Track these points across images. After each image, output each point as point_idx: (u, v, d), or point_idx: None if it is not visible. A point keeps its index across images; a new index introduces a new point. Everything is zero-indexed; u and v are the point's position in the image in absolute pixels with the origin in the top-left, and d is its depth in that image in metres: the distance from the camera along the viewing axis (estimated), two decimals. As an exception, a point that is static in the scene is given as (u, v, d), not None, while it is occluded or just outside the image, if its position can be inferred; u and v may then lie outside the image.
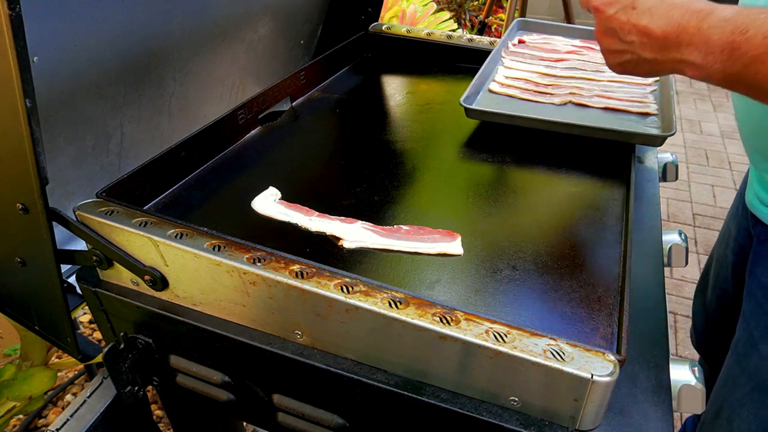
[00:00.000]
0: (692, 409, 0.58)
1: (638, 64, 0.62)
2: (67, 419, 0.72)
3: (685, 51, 0.56)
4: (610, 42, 0.63)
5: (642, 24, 0.59)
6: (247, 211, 0.77)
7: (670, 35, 0.57)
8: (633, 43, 0.60)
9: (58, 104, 0.73)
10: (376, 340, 0.56)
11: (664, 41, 0.57)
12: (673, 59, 0.58)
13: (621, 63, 0.64)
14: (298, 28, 1.26)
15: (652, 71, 0.63)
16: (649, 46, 0.59)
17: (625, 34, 0.61)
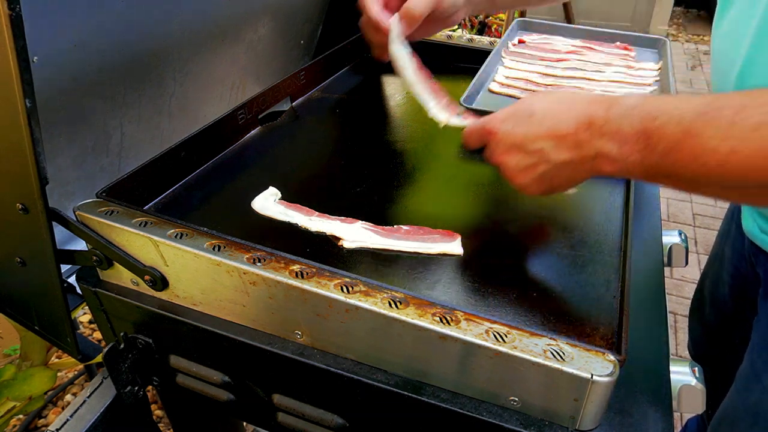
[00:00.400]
0: (692, 409, 0.58)
1: (555, 173, 0.57)
2: (67, 419, 0.72)
3: (599, 143, 0.53)
4: (517, 160, 0.59)
5: (547, 127, 0.56)
6: (247, 211, 0.77)
7: (580, 129, 0.54)
8: (542, 150, 0.56)
9: (58, 104, 0.73)
10: (376, 340, 0.56)
11: (575, 137, 0.54)
12: (589, 155, 0.54)
13: (537, 178, 0.59)
14: (298, 28, 1.26)
15: (571, 178, 0.58)
16: (561, 147, 0.55)
17: (531, 143, 0.57)
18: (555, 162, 0.56)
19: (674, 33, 5.07)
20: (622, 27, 4.27)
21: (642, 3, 4.63)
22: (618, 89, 1.09)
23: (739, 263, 0.93)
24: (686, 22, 5.37)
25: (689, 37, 4.96)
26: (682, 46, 4.77)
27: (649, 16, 4.69)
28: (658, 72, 1.16)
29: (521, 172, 0.59)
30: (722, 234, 1.03)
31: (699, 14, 5.55)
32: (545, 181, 0.59)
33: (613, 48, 1.27)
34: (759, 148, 0.42)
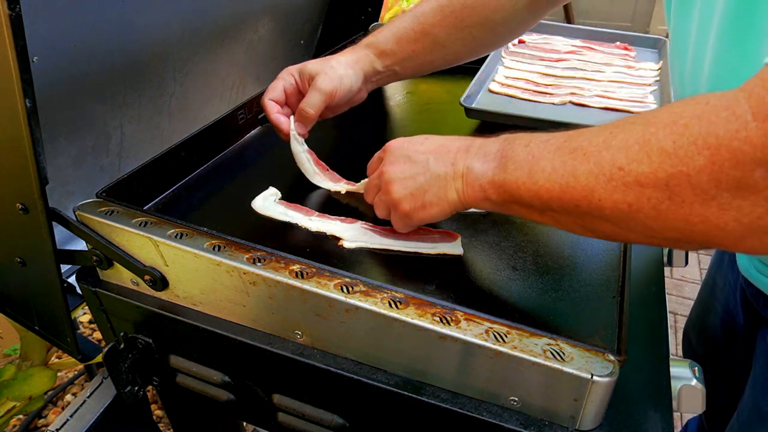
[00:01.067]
0: (692, 409, 0.58)
1: (429, 186, 0.62)
2: (67, 419, 0.72)
3: (469, 160, 0.59)
4: (403, 168, 0.64)
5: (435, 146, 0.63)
6: (247, 211, 0.77)
7: (461, 150, 0.61)
8: (427, 161, 0.62)
9: (58, 104, 0.73)
10: (376, 340, 0.56)
11: (454, 156, 0.61)
12: (459, 171, 0.60)
13: (412, 192, 0.63)
14: (298, 28, 1.26)
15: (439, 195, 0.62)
16: (441, 161, 0.61)
17: (419, 155, 0.63)
18: (433, 173, 0.62)
19: (674, 33, 5.07)
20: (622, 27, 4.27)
21: (642, 3, 4.63)
22: (618, 89, 1.09)
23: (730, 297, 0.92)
24: (686, 22, 5.36)
25: (689, 37, 4.96)
26: (682, 46, 4.76)
27: (649, 16, 4.69)
28: (658, 72, 1.16)
29: (401, 181, 0.64)
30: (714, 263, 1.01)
31: (699, 14, 5.54)
32: (419, 193, 0.63)
33: (613, 48, 1.27)
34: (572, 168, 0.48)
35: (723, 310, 0.95)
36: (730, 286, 0.92)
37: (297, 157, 0.83)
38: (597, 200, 0.46)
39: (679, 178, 0.41)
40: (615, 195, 0.45)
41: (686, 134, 0.40)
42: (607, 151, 0.46)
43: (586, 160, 0.47)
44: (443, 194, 0.62)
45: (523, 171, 0.53)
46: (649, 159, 0.42)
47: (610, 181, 0.45)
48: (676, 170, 0.41)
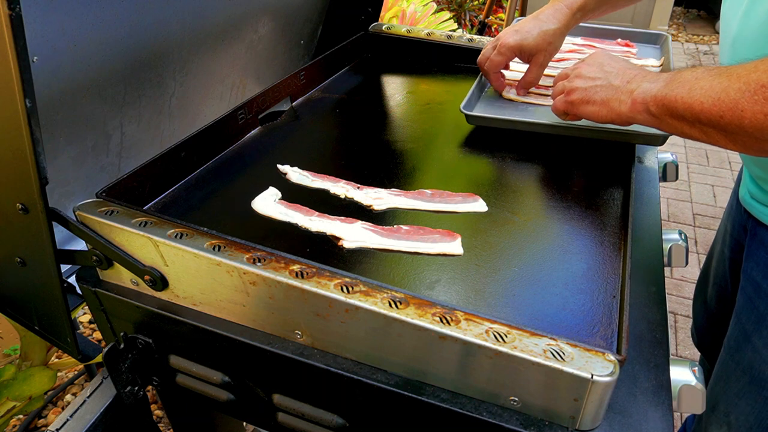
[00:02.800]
0: (692, 409, 0.58)
1: (601, 89, 0.77)
2: (67, 419, 0.72)
3: (642, 82, 0.72)
4: (591, 70, 0.79)
5: (621, 66, 0.77)
6: (247, 211, 0.77)
7: (638, 75, 0.74)
8: (610, 73, 0.77)
9: (58, 104, 0.73)
10: (376, 340, 0.56)
11: (633, 76, 0.74)
12: (629, 89, 0.73)
13: (587, 87, 0.79)
14: (298, 28, 1.26)
15: (605, 99, 0.76)
16: (620, 77, 0.75)
17: (608, 67, 0.77)
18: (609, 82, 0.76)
19: (674, 33, 5.07)
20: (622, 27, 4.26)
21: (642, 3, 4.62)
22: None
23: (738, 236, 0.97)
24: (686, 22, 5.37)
25: (689, 37, 4.96)
26: (682, 46, 4.77)
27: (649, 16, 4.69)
28: (659, 68, 1.16)
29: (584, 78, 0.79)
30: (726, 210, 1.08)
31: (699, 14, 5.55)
32: (590, 91, 0.78)
33: (615, 45, 1.27)
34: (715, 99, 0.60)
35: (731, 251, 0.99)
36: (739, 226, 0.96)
37: None
38: (740, 111, 0.57)
39: None
40: (755, 107, 0.56)
41: None
42: (755, 73, 0.57)
43: (738, 80, 0.58)
44: (608, 100, 0.76)
45: (683, 89, 0.64)
46: None
47: (754, 95, 0.56)
48: None
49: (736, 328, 0.86)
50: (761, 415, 0.82)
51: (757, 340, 0.81)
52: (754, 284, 0.82)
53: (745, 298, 0.85)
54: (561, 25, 0.97)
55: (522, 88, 1.03)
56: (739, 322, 0.85)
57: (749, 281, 0.84)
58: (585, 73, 0.79)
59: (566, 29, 0.98)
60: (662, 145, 0.90)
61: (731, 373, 0.87)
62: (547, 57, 0.98)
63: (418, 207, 0.78)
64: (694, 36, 5.00)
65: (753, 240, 0.84)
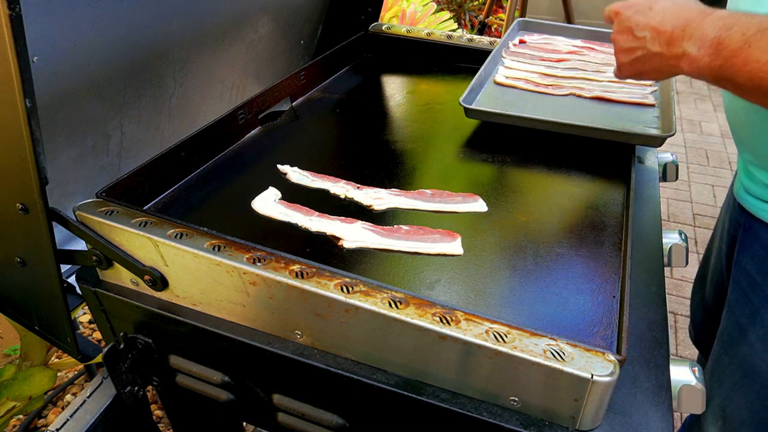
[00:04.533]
0: (692, 409, 0.58)
1: (647, 60, 0.70)
2: (67, 419, 0.72)
3: (686, 44, 0.64)
4: (625, 39, 0.72)
5: (655, 21, 0.68)
6: (247, 211, 0.77)
7: (677, 30, 0.65)
8: (645, 38, 0.69)
9: (58, 104, 0.73)
10: (376, 340, 0.56)
11: (671, 36, 0.66)
12: (675, 53, 0.65)
13: (631, 60, 0.72)
14: (298, 28, 1.26)
15: (657, 68, 0.70)
16: (658, 40, 0.67)
17: (640, 30, 0.70)
18: (650, 51, 0.69)
19: (674, 33, 5.07)
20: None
21: (642, 3, 4.62)
22: (618, 89, 1.09)
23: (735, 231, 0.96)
24: (686, 22, 5.36)
25: (689, 37, 4.96)
26: (682, 46, 4.76)
27: (649, 16, 4.68)
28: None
29: (623, 53, 0.73)
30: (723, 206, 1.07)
31: (699, 14, 5.54)
32: (638, 64, 0.72)
33: (613, 48, 1.27)
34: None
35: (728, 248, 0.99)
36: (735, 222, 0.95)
37: None
38: None
39: None
40: None
41: None
42: None
43: None
44: (658, 67, 0.70)
45: (738, 58, 0.57)
46: None
47: None
48: None
49: (729, 322, 0.86)
50: (756, 408, 0.82)
51: (752, 334, 0.81)
52: (749, 277, 0.82)
53: (738, 291, 0.84)
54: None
55: None
56: (733, 316, 0.85)
57: (743, 274, 0.84)
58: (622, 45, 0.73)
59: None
60: (662, 146, 0.90)
61: (725, 367, 0.87)
62: None
63: (418, 207, 0.78)
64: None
65: (747, 233, 0.84)
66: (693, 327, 1.22)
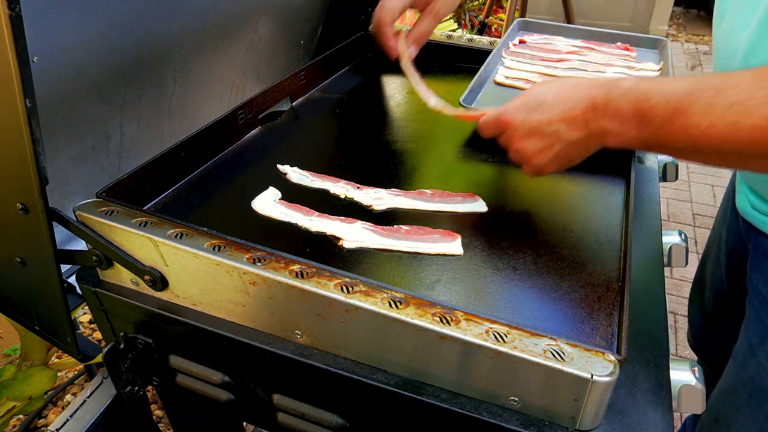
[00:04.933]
0: (692, 409, 0.58)
1: (569, 150, 0.66)
2: (67, 419, 0.72)
3: (603, 122, 0.61)
4: (535, 143, 0.67)
5: (558, 112, 0.64)
6: (247, 211, 0.77)
7: (587, 111, 0.62)
8: (557, 131, 0.64)
9: (58, 104, 0.73)
10: (376, 340, 0.56)
11: (583, 118, 0.62)
12: (596, 132, 0.62)
13: (553, 157, 0.67)
14: (298, 28, 1.26)
15: (583, 151, 0.66)
16: (574, 127, 0.63)
17: (546, 127, 0.65)
18: (568, 141, 0.65)
19: (674, 33, 5.07)
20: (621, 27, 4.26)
21: (642, 3, 4.63)
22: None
23: (735, 243, 0.95)
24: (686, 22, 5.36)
25: (689, 37, 4.96)
26: (682, 46, 4.77)
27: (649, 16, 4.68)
28: (659, 72, 1.16)
29: (539, 154, 0.67)
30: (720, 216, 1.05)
31: (699, 14, 5.55)
32: (561, 158, 0.67)
33: (614, 48, 1.27)
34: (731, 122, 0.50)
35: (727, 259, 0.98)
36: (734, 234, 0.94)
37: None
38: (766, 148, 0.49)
39: None
40: None
41: None
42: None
43: (749, 115, 0.49)
44: (583, 150, 0.66)
45: (673, 128, 0.55)
46: None
47: None
48: None
49: (744, 342, 0.84)
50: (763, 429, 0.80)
51: (761, 354, 0.79)
52: (761, 297, 0.80)
53: (752, 311, 0.82)
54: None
55: (413, 42, 0.88)
56: (747, 336, 0.83)
57: (756, 294, 0.81)
58: (533, 148, 0.67)
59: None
60: None
61: (734, 385, 0.85)
62: (444, 6, 0.84)
63: (418, 207, 0.78)
64: (694, 36, 5.00)
65: (757, 251, 0.82)
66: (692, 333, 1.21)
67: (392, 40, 0.84)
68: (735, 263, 0.95)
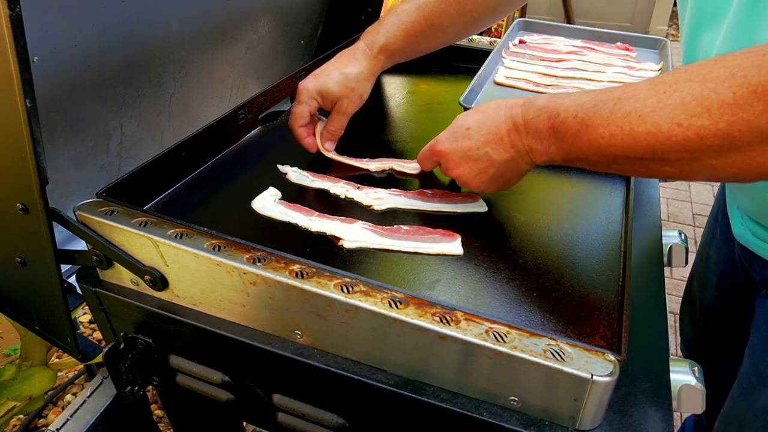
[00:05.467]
0: (692, 409, 0.58)
1: (502, 171, 0.68)
2: (67, 419, 0.72)
3: (526, 140, 0.64)
4: (470, 167, 0.69)
5: (484, 135, 0.67)
6: (247, 211, 0.77)
7: (510, 132, 0.65)
8: (487, 154, 0.67)
9: (58, 104, 0.73)
10: (376, 340, 0.56)
11: (509, 138, 0.65)
12: (523, 151, 0.65)
13: (489, 179, 0.69)
14: (298, 28, 1.26)
15: (515, 170, 0.68)
16: (501, 148, 0.66)
17: (476, 151, 0.68)
18: (500, 161, 0.67)
19: (674, 33, 5.07)
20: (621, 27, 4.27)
21: (642, 3, 4.63)
22: (618, 89, 1.09)
23: (726, 267, 0.93)
24: (686, 22, 5.37)
25: (689, 37, 4.96)
26: (682, 46, 4.76)
27: (648, 16, 4.69)
28: (659, 72, 1.16)
29: (476, 177, 0.70)
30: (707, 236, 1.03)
31: (699, 14, 5.54)
32: (497, 179, 0.70)
33: (614, 48, 1.27)
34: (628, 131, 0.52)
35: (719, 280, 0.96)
36: (725, 257, 0.93)
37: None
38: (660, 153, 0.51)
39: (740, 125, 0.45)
40: (676, 148, 0.49)
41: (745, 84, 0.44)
42: (663, 111, 0.49)
43: (642, 122, 0.51)
44: (517, 170, 0.68)
45: (582, 141, 0.57)
46: (709, 113, 0.46)
47: (670, 138, 0.49)
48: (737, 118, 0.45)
49: (749, 367, 0.82)
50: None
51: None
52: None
53: (759, 336, 0.80)
54: (363, 68, 0.86)
55: (327, 139, 0.90)
56: (753, 362, 0.81)
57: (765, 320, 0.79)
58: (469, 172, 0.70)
59: (372, 73, 0.87)
60: None
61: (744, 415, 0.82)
62: (350, 104, 0.86)
63: (418, 207, 0.78)
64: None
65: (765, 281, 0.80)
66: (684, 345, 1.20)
67: (307, 139, 0.88)
68: (727, 287, 0.94)
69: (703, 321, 1.06)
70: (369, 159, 0.90)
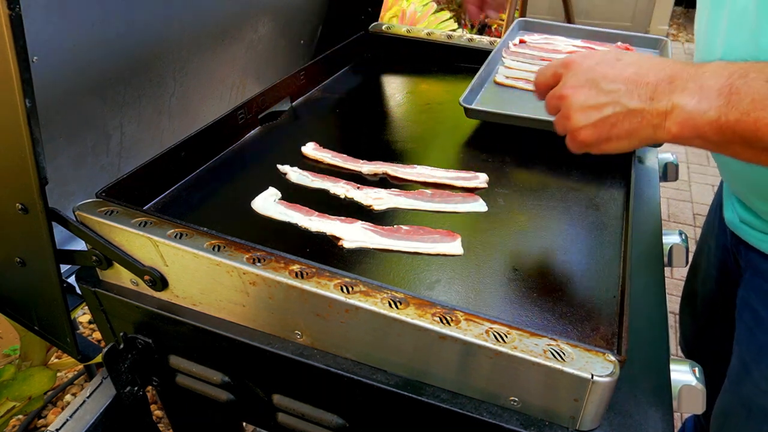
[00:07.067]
0: (692, 409, 0.58)
1: (619, 120, 0.55)
2: (67, 419, 0.72)
3: (676, 97, 0.51)
4: (587, 94, 0.56)
5: (630, 72, 0.55)
6: (247, 211, 0.77)
7: (662, 82, 0.53)
8: (618, 92, 0.54)
9: (58, 104, 0.73)
10: (376, 340, 0.56)
11: (655, 87, 0.53)
12: (660, 110, 0.52)
13: (597, 121, 0.56)
14: (298, 28, 1.26)
15: (631, 131, 0.55)
16: (637, 93, 0.53)
17: (608, 82, 0.55)
18: (625, 107, 0.54)
19: (674, 33, 5.07)
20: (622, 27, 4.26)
21: (642, 3, 4.63)
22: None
23: (723, 256, 0.94)
24: (686, 22, 5.36)
25: (689, 37, 4.96)
26: (682, 46, 4.76)
27: (649, 15, 4.68)
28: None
29: (585, 110, 0.57)
30: (707, 227, 1.04)
31: (699, 14, 5.54)
32: (605, 126, 0.56)
33: (614, 48, 1.27)
34: None
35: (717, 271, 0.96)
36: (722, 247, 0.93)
37: None
38: None
39: None
40: None
41: None
42: None
43: None
44: (635, 130, 0.54)
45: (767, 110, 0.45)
46: None
47: None
48: None
49: (737, 360, 0.82)
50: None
51: (756, 372, 0.77)
52: (753, 313, 0.77)
53: (744, 328, 0.80)
54: None
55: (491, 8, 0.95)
56: (740, 353, 0.81)
57: (748, 310, 0.79)
58: (583, 101, 0.56)
59: None
60: (661, 146, 0.90)
61: (732, 406, 0.83)
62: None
63: (418, 207, 0.78)
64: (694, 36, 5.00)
65: (748, 266, 0.80)
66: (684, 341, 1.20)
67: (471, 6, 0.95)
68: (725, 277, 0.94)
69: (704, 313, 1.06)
70: (365, 161, 0.89)
